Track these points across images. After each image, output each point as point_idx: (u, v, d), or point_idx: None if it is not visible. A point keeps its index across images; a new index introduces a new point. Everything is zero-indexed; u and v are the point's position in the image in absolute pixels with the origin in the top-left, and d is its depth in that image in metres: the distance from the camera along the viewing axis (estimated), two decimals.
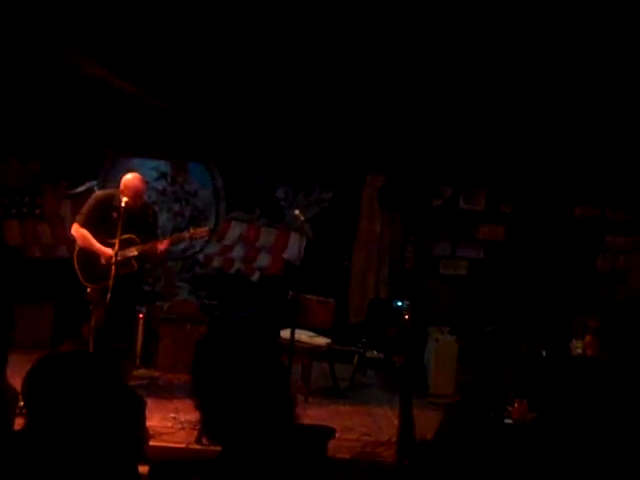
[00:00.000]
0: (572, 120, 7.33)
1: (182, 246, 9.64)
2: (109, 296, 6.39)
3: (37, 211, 9.85)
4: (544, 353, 7.05)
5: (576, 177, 9.36)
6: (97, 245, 6.75)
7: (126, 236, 6.74)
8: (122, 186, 6.82)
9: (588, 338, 6.06)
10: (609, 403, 5.20)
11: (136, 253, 6.87)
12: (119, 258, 6.61)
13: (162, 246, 7.05)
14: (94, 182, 9.73)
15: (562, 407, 5.19)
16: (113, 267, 6.46)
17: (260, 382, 2.15)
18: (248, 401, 2.11)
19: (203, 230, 7.55)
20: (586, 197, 9.82)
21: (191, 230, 7.42)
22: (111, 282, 6.42)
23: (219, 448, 2.20)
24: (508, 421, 5.34)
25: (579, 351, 7.31)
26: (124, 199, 6.61)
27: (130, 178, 6.89)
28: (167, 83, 7.50)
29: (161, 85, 7.59)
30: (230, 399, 2.11)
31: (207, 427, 2.16)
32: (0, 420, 4.02)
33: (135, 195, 6.80)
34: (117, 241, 6.53)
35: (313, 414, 6.90)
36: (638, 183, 9.23)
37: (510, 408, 5.41)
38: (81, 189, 9.62)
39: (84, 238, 6.82)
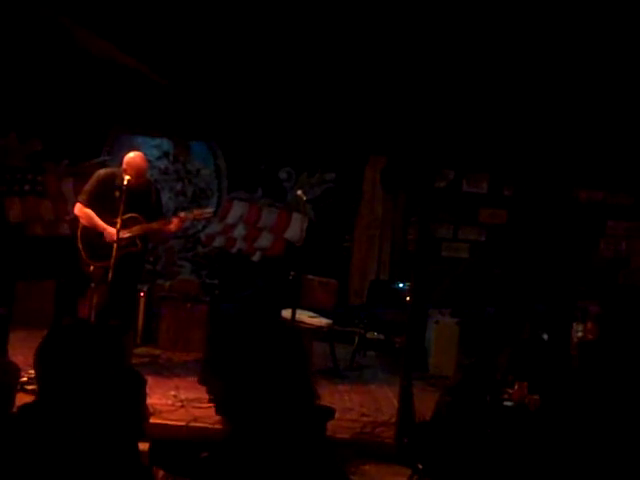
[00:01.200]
0: (575, 103, 7.31)
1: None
2: (111, 274, 6.38)
3: (39, 188, 9.84)
4: (545, 337, 7.05)
5: (578, 161, 9.34)
6: (101, 224, 6.74)
7: (130, 215, 6.73)
8: (125, 165, 6.79)
9: (589, 325, 6.07)
10: (610, 387, 5.22)
11: (142, 232, 6.85)
12: (124, 236, 6.60)
13: (172, 227, 7.01)
14: (107, 157, 9.73)
15: (565, 390, 5.21)
16: (115, 245, 6.45)
17: (281, 363, 2.14)
18: (267, 382, 2.10)
19: (207, 211, 7.53)
20: (589, 181, 9.80)
21: (195, 211, 7.40)
22: (113, 260, 6.42)
23: (219, 427, 2.20)
24: (508, 403, 5.36)
25: (580, 335, 7.32)
26: (126, 177, 6.59)
27: (132, 157, 6.86)
28: (171, 61, 7.47)
29: (165, 63, 7.56)
30: (249, 379, 2.10)
31: (220, 404, 2.15)
32: (1, 396, 4.02)
33: (138, 174, 6.77)
34: (119, 220, 6.52)
35: None
36: None
37: (510, 390, 5.42)
38: (96, 161, 9.60)
39: (88, 217, 6.80)
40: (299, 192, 8.01)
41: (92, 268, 6.78)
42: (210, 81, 8.18)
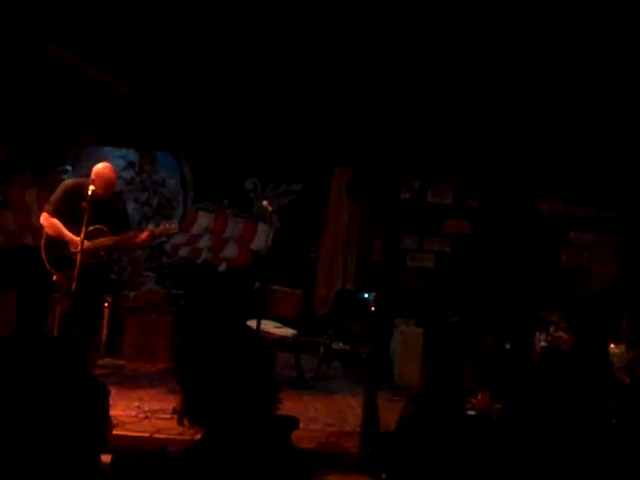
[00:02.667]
0: (538, 116, 7.40)
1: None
2: (74, 285, 6.34)
3: (1, 199, 9.75)
4: (508, 346, 7.12)
5: (542, 172, 9.46)
6: (68, 234, 6.68)
7: (96, 226, 6.69)
8: (93, 175, 6.74)
9: (564, 336, 6.15)
10: (574, 395, 5.29)
11: (109, 244, 6.81)
12: (88, 247, 6.56)
13: (142, 237, 6.98)
14: (68, 166, 9.66)
15: (527, 399, 5.27)
16: (79, 255, 6.41)
17: (246, 367, 2.15)
18: (234, 385, 2.11)
19: (172, 227, 7.50)
20: (552, 192, 9.92)
21: (160, 227, 7.38)
22: (77, 270, 6.37)
23: (186, 437, 2.21)
24: (471, 412, 5.41)
25: (543, 344, 7.40)
26: (91, 188, 6.55)
27: (101, 168, 6.81)
28: (137, 72, 7.45)
29: (130, 74, 7.54)
30: (215, 383, 2.11)
31: (190, 410, 2.16)
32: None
33: (106, 185, 6.73)
34: (83, 230, 6.48)
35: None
36: (604, 178, 9.36)
37: (473, 400, 5.47)
38: (57, 170, 9.53)
39: (55, 227, 6.74)
40: (265, 202, 8.01)
41: (55, 278, 6.73)
42: (176, 92, 8.16)
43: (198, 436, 2.17)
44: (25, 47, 7.05)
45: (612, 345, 7.04)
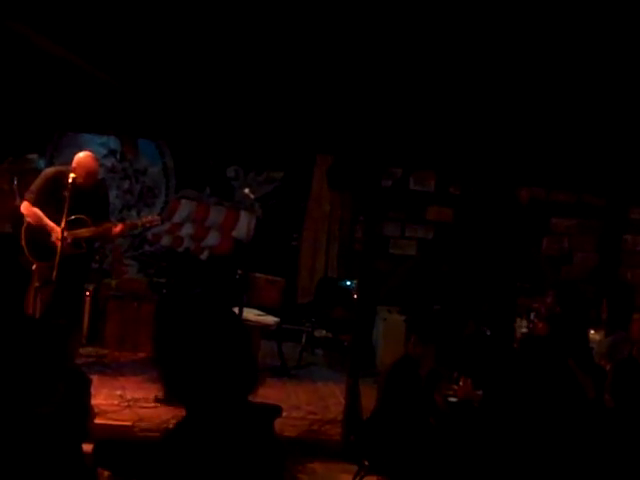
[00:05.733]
0: (518, 102, 7.42)
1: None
2: (55, 273, 6.32)
3: None
4: (488, 332, 7.17)
5: (522, 159, 9.49)
6: (49, 223, 6.65)
7: (77, 216, 6.65)
8: (74, 164, 6.71)
9: (539, 323, 6.18)
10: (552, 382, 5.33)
11: (87, 235, 6.78)
12: (69, 239, 6.54)
13: (116, 230, 6.97)
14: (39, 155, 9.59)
15: (506, 385, 5.31)
16: (59, 244, 6.38)
17: (224, 345, 2.15)
18: (212, 363, 2.11)
19: (155, 219, 7.48)
20: (532, 179, 9.96)
21: (143, 219, 7.37)
22: (57, 259, 6.35)
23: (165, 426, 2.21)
24: (453, 399, 5.44)
25: (524, 330, 7.45)
26: (72, 176, 6.51)
27: (83, 156, 6.77)
28: (118, 58, 7.40)
29: (111, 60, 7.49)
30: (194, 361, 2.11)
31: (169, 389, 2.15)
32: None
33: (87, 174, 6.69)
34: (64, 218, 6.45)
35: (260, 392, 6.91)
36: (584, 164, 9.40)
37: (455, 387, 5.50)
38: (29, 157, 9.45)
39: (36, 216, 6.70)
40: (246, 190, 8.02)
41: (35, 267, 6.70)
42: (158, 79, 8.11)
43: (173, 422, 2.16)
44: (2, 34, 6.98)
45: (592, 331, 7.10)
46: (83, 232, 6.73)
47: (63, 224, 6.44)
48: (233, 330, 2.20)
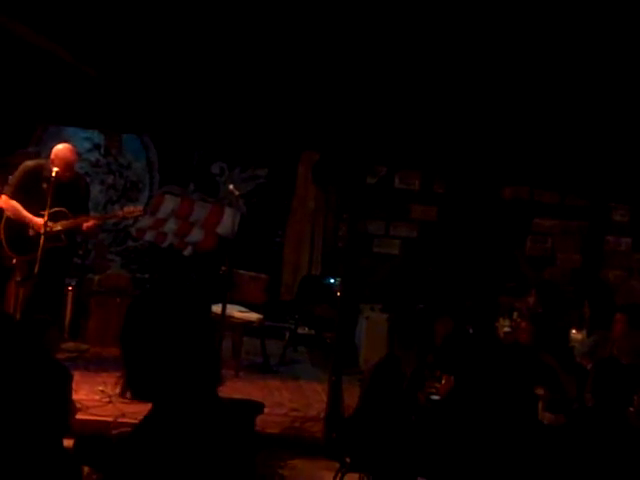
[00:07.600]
0: (504, 102, 7.44)
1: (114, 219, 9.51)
2: (37, 267, 6.28)
3: None
4: (471, 331, 7.19)
5: (507, 158, 9.51)
6: (28, 216, 6.61)
7: (57, 209, 6.62)
8: (52, 156, 6.68)
9: (523, 324, 6.21)
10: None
11: (60, 228, 6.73)
12: (51, 230, 6.50)
13: (89, 224, 6.92)
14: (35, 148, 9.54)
15: (478, 381, 5.32)
16: (42, 238, 6.35)
17: (188, 337, 2.14)
18: (175, 356, 2.10)
19: (136, 209, 7.44)
20: (516, 178, 9.98)
21: (125, 209, 7.34)
22: (40, 253, 6.32)
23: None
24: (435, 397, 5.45)
25: (506, 329, 7.48)
26: (54, 169, 6.49)
27: (61, 148, 6.75)
28: (103, 52, 7.36)
29: (96, 54, 7.45)
30: (157, 354, 2.10)
31: (132, 384, 2.14)
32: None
33: (65, 166, 6.67)
34: (46, 211, 6.42)
35: (243, 389, 6.93)
36: (567, 165, 9.43)
37: (438, 385, 5.51)
38: (22, 152, 9.39)
39: (14, 209, 6.67)
40: (231, 187, 8.00)
41: (15, 261, 6.66)
42: (143, 73, 8.08)
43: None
44: None
45: (574, 331, 7.15)
46: (62, 224, 6.70)
47: (46, 217, 6.40)
48: (196, 323, 2.19)
